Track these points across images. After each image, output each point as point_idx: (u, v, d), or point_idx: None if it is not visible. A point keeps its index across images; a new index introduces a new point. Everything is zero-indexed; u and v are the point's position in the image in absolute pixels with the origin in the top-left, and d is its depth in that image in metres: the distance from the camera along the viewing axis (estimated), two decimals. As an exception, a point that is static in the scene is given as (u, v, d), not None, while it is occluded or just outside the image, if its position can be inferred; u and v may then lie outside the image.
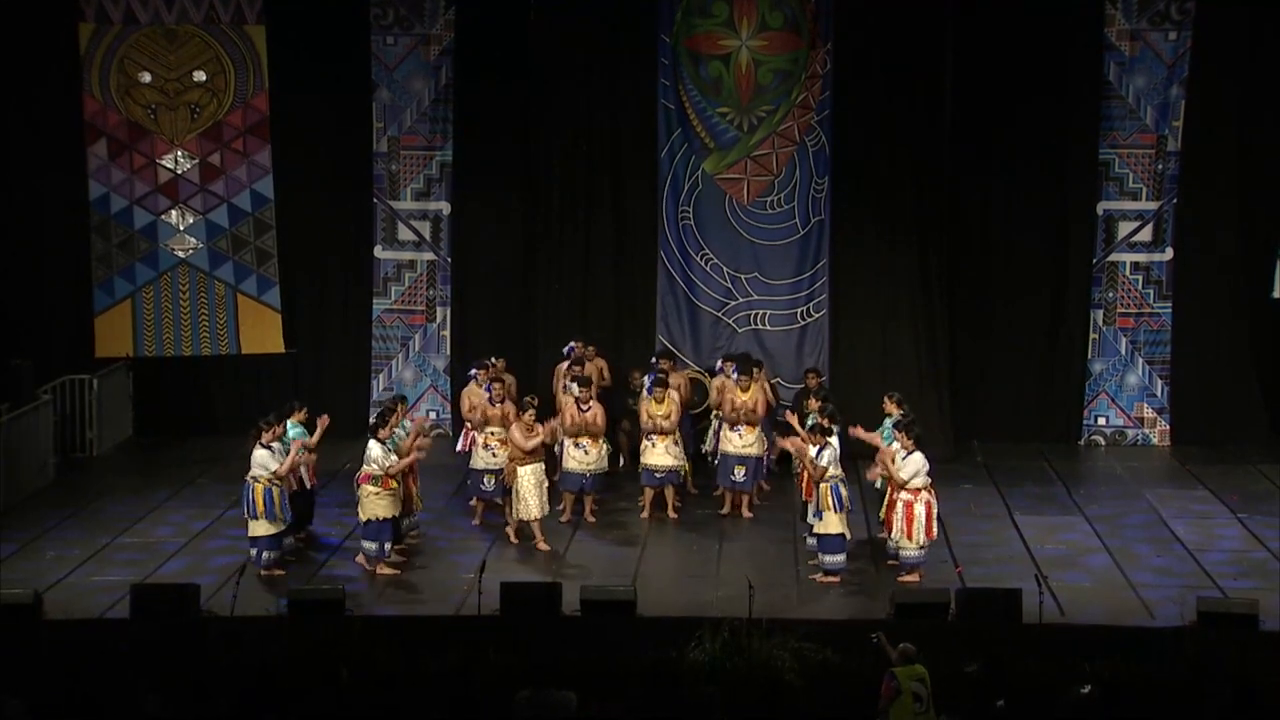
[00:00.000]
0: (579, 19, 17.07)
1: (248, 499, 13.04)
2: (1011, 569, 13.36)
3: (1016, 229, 17.39)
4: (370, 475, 13.12)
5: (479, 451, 14.61)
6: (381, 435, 13.26)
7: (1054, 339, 17.65)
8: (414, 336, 18.19)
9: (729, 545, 14.23)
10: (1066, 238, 17.50)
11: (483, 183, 17.75)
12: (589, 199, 17.52)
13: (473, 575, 12.66)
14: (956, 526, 14.59)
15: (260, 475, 12.99)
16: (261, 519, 13.01)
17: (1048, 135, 17.16)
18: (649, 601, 12.22)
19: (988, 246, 17.46)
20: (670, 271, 17.51)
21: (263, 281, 17.88)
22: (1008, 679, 10.45)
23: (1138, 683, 10.74)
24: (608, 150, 17.40)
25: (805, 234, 17.39)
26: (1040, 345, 17.64)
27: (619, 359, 17.19)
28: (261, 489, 12.98)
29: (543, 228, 17.62)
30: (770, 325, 17.50)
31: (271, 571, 13.08)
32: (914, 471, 12.93)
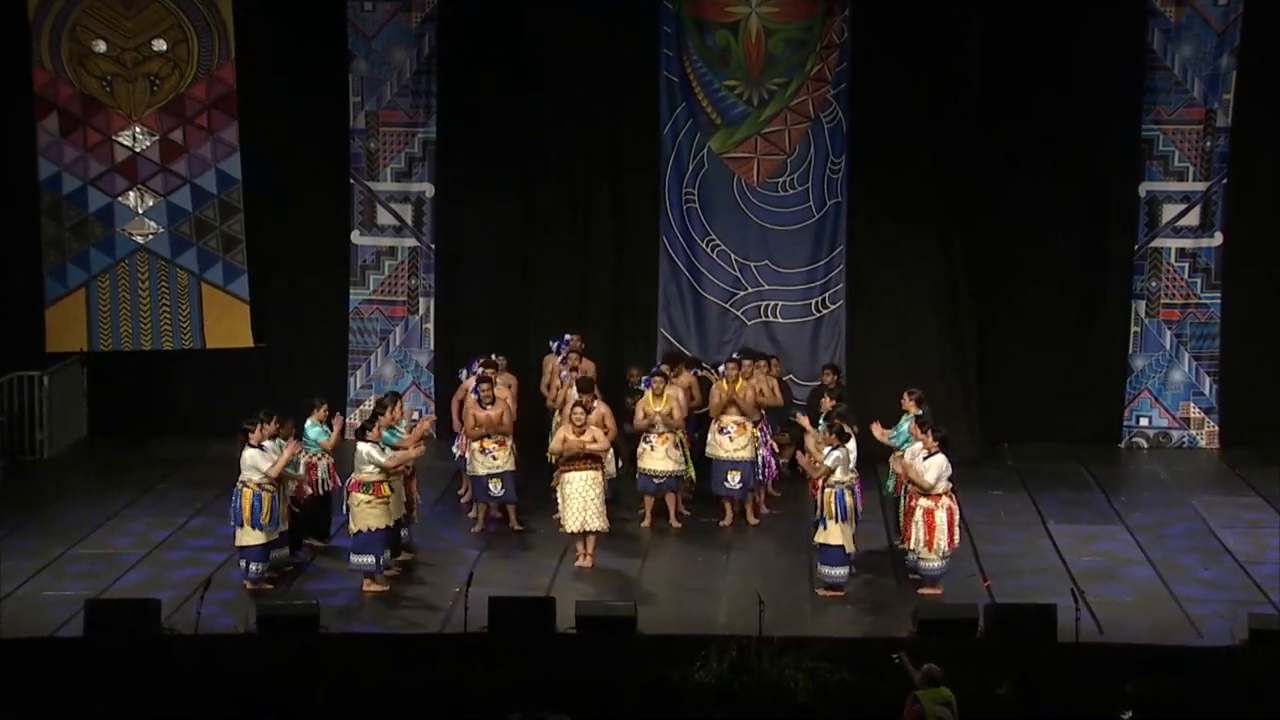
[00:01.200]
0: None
1: (234, 505, 13.03)
2: (1045, 582, 13.36)
3: (1051, 212, 17.39)
4: (360, 482, 13.11)
5: (477, 456, 14.62)
6: (372, 436, 13.25)
7: (1091, 332, 17.65)
8: (394, 329, 18.20)
9: (736, 556, 14.23)
10: (1106, 222, 17.50)
11: (469, 162, 17.74)
12: (585, 180, 17.53)
13: (459, 589, 12.66)
14: (985, 536, 14.60)
15: (250, 479, 12.98)
16: (248, 527, 12.99)
17: (1085, 110, 17.15)
18: (650, 618, 12.23)
19: (1019, 231, 17.45)
20: (673, 259, 17.51)
21: (229, 270, 17.89)
22: (1041, 702, 10.44)
23: (1183, 707, 10.74)
24: (606, 127, 17.41)
25: (820, 218, 17.39)
26: (1077, 339, 17.65)
27: (617, 354, 17.23)
28: (250, 494, 12.98)
29: (535, 211, 17.63)
30: (782, 317, 17.51)
31: (260, 586, 13.07)
32: (938, 475, 12.94)
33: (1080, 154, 17.25)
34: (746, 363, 15.26)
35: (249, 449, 13.04)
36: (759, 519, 15.10)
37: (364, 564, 13.15)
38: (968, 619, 11.88)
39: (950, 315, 17.25)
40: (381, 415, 13.53)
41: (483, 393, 14.59)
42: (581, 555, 13.84)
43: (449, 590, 13.14)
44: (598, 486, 13.71)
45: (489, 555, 14.24)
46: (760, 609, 11.62)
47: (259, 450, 13.02)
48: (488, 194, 17.74)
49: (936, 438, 13.03)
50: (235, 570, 13.39)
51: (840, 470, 13.06)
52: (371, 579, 13.18)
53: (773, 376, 15.88)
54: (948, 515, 13.01)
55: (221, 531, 14.48)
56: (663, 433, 14.82)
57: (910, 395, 14.17)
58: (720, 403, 14.94)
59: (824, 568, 13.13)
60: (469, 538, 14.70)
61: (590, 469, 13.67)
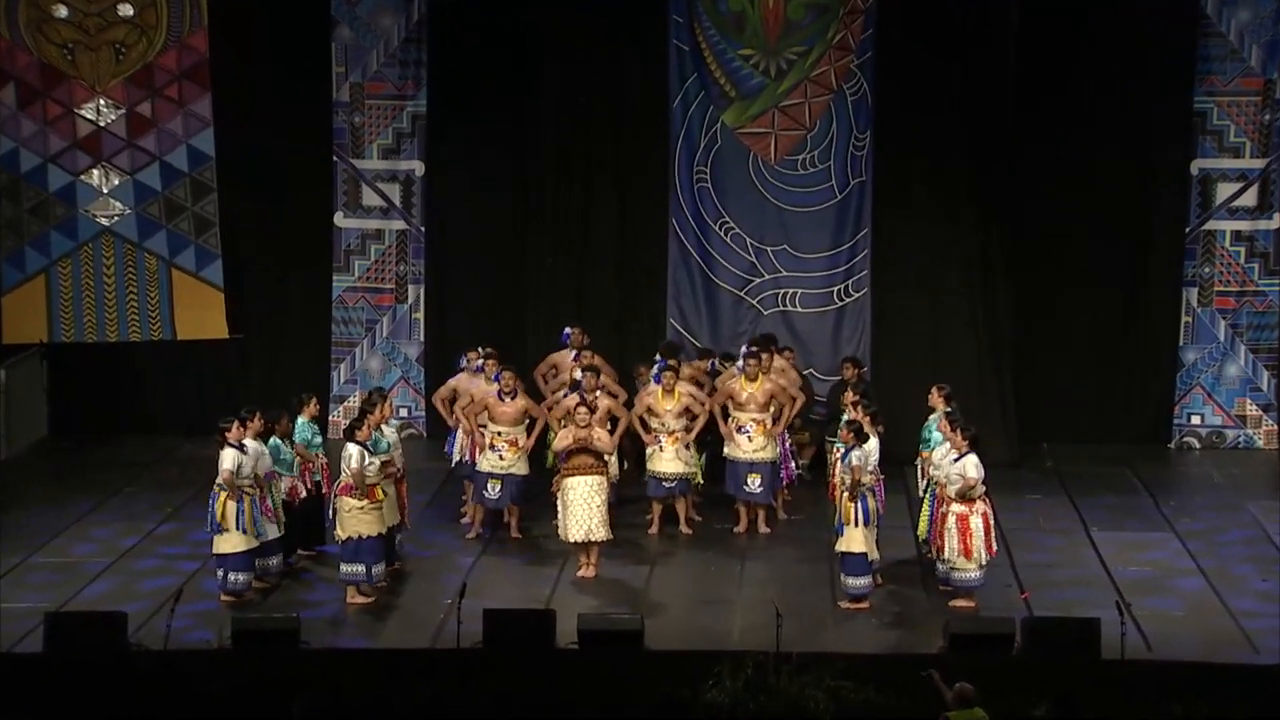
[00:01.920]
0: (576, -57, 17.13)
1: (211, 509, 13.03)
2: (1088, 594, 13.34)
3: (1094, 191, 17.34)
4: (350, 486, 13.11)
5: (485, 453, 14.60)
6: (360, 436, 13.23)
7: (1139, 322, 17.62)
8: (381, 319, 18.19)
9: (752, 566, 14.22)
10: (1154, 202, 17.45)
11: (463, 138, 17.72)
12: (588, 157, 17.50)
13: (451, 600, 12.64)
14: (1022, 544, 14.58)
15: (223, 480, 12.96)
16: (231, 532, 12.97)
17: (1132, 80, 17.11)
18: (658, 632, 12.22)
19: (1060, 212, 17.41)
20: (684, 243, 17.50)
21: (202, 254, 17.88)
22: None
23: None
24: (610, 100, 17.38)
25: (843, 199, 17.36)
26: (1122, 330, 17.61)
27: (621, 347, 17.19)
28: (225, 497, 12.97)
29: (534, 191, 17.61)
30: (801, 306, 17.49)
31: (241, 597, 13.06)
32: (976, 478, 12.92)
33: (1127, 129, 17.20)
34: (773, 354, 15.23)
35: (226, 448, 13.01)
36: (771, 527, 15.06)
37: (354, 574, 13.13)
38: (1003, 634, 11.86)
39: (984, 303, 17.21)
40: (370, 413, 13.50)
41: (504, 384, 14.52)
42: (584, 564, 13.83)
43: (440, 601, 13.12)
44: (602, 493, 13.70)
45: (484, 563, 14.22)
46: (778, 622, 11.61)
47: (235, 451, 12.99)
48: (482, 172, 17.72)
49: (967, 437, 13.01)
50: (209, 580, 13.38)
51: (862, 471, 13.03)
52: (358, 590, 13.16)
53: (793, 369, 15.89)
54: (983, 521, 12.98)
55: (194, 537, 14.48)
56: (673, 432, 14.79)
57: (939, 391, 14.15)
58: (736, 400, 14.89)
59: (846, 578, 13.12)
60: (462, 544, 14.69)
61: (594, 473, 13.65)
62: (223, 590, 13.06)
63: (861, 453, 13.07)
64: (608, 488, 13.82)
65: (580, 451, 13.65)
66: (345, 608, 13.14)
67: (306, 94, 17.70)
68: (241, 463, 12.97)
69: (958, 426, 13.15)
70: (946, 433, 13.31)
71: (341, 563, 13.20)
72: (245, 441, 13.13)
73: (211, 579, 13.34)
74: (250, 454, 13.08)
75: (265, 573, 13.38)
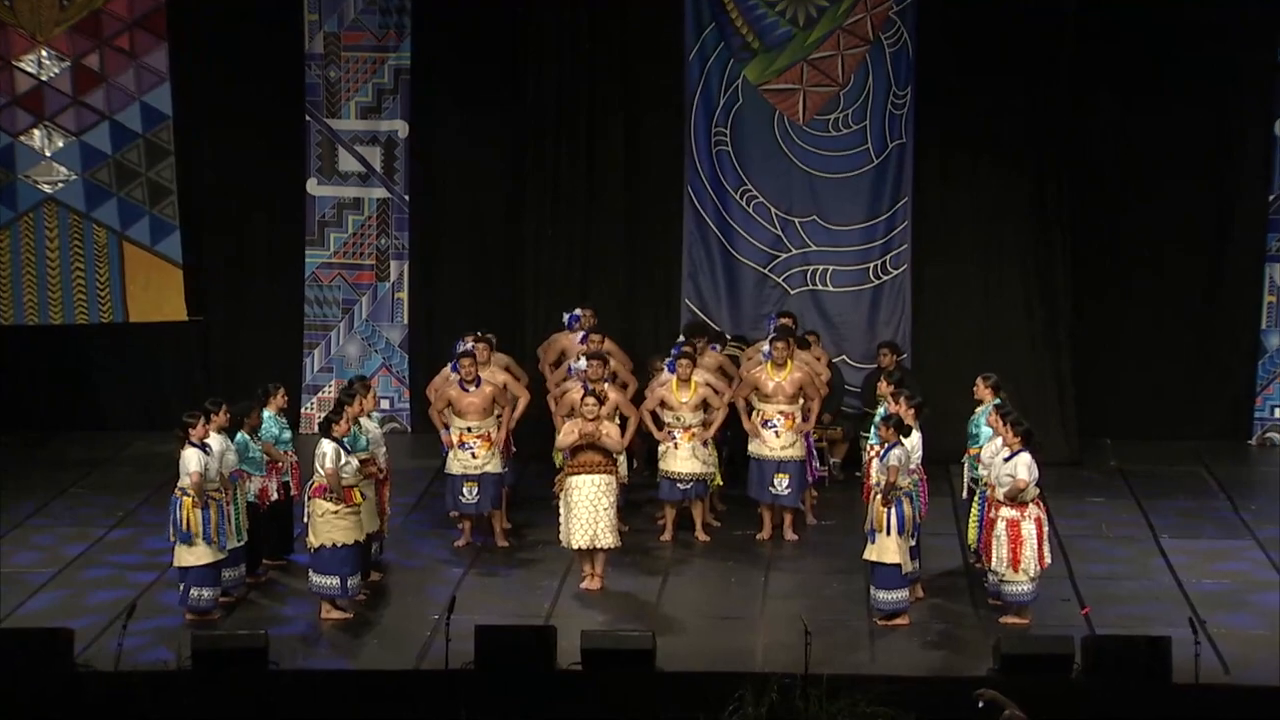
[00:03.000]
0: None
1: (173, 516, 13.04)
2: (1157, 610, 13.34)
3: (1163, 156, 17.32)
4: (324, 487, 13.10)
5: (455, 453, 14.62)
6: (337, 431, 13.22)
7: (1215, 304, 17.61)
8: (360, 299, 18.20)
9: (777, 577, 14.23)
10: (1232, 168, 17.41)
11: (452, 95, 17.74)
12: (593, 118, 17.51)
13: (439, 615, 12.64)
14: (1082, 553, 14.57)
15: (188, 485, 12.95)
16: (198, 542, 12.99)
17: (1208, 30, 17.05)
18: (671, 651, 12.22)
19: (1124, 180, 17.40)
20: (700, 214, 17.49)
21: (158, 225, 17.88)
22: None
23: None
24: (618, 53, 17.40)
25: (880, 163, 17.35)
26: (1197, 312, 17.60)
27: (632, 330, 17.22)
28: (190, 503, 12.96)
29: (532, 155, 17.60)
30: (833, 285, 17.48)
31: (207, 616, 13.05)
32: (1029, 478, 12.90)
33: (1204, 85, 17.15)
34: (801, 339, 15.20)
35: (188, 448, 12.98)
36: (799, 533, 15.06)
37: (327, 587, 13.12)
38: (1061, 654, 11.85)
39: (1040, 281, 17.21)
40: (349, 405, 13.49)
41: (464, 371, 14.53)
42: (589, 575, 13.83)
43: (427, 617, 13.13)
44: (610, 494, 13.70)
45: (475, 574, 14.23)
46: (806, 641, 11.60)
47: (199, 451, 12.97)
48: (474, 134, 17.74)
49: (1019, 432, 12.98)
50: (166, 592, 13.39)
51: (903, 474, 13.02)
52: (333, 604, 13.16)
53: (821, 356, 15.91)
54: (1036, 527, 12.97)
55: (149, 544, 14.50)
56: (689, 427, 14.78)
57: (985, 381, 14.13)
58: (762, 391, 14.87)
59: (877, 591, 13.11)
60: (451, 552, 14.71)
61: (602, 472, 13.65)
62: (185, 608, 13.05)
63: (902, 451, 13.04)
64: (616, 489, 13.81)
65: (586, 448, 13.64)
66: (319, 624, 13.13)
67: (275, 45, 17.70)
68: (206, 464, 12.95)
69: (1009, 420, 13.13)
70: (997, 427, 13.28)
71: (313, 574, 13.19)
72: (209, 440, 13.09)
73: (169, 591, 13.34)
74: (214, 452, 13.07)
75: (228, 586, 13.37)
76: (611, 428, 13.83)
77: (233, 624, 12.97)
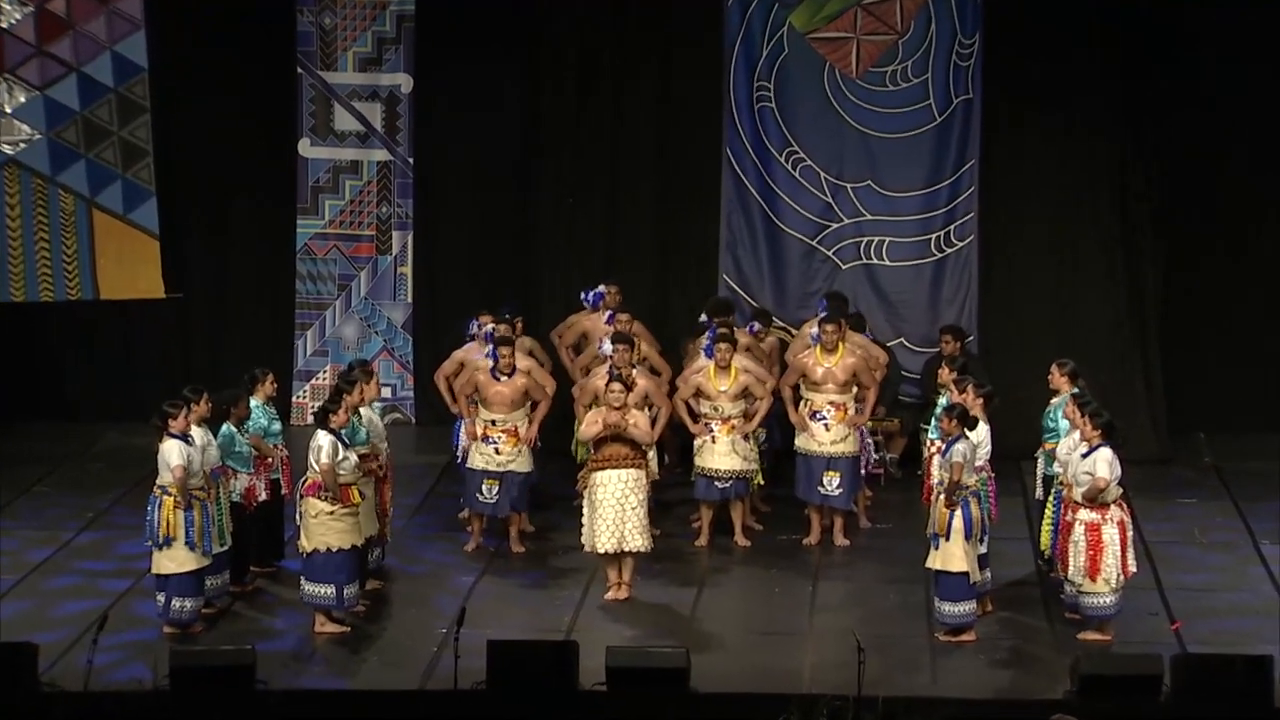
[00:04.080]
0: None
1: (150, 518, 13.08)
2: (1256, 625, 13.33)
3: (1265, 111, 17.24)
4: (319, 485, 13.12)
5: (476, 445, 14.65)
6: (335, 423, 13.23)
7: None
8: (359, 275, 18.23)
9: (826, 588, 14.23)
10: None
11: (461, 44, 17.76)
12: (618, 68, 17.55)
13: (447, 629, 12.65)
14: (1172, 561, 14.55)
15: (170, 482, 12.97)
16: (178, 547, 13.01)
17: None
18: (708, 669, 12.21)
19: (1224, 140, 17.30)
20: (741, 178, 17.49)
21: (132, 191, 17.90)
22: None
23: None
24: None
25: (944, 121, 17.33)
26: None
27: (663, 309, 17.22)
28: (172, 503, 13.00)
29: (550, 113, 17.62)
30: (890, 259, 17.47)
31: (189, 629, 13.08)
32: (1109, 476, 12.88)
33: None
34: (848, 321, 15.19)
35: (168, 440, 13.01)
36: (850, 538, 15.05)
37: (321, 596, 13.15)
38: (1148, 675, 11.83)
39: (1125, 258, 17.18)
40: (348, 393, 13.50)
41: (501, 359, 14.54)
42: (615, 584, 13.85)
43: (433, 631, 13.15)
44: (640, 492, 13.70)
45: (488, 583, 14.24)
46: (859, 658, 11.59)
47: (179, 442, 12.99)
48: (486, 89, 17.75)
49: (1099, 425, 12.95)
50: (144, 603, 13.42)
51: (968, 470, 13.00)
52: (328, 616, 13.19)
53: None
54: (1119, 532, 12.95)
55: (123, 549, 14.55)
56: (728, 419, 14.78)
57: (1062, 368, 14.09)
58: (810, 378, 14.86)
59: (941, 603, 13.11)
60: (460, 558, 14.72)
61: (630, 466, 13.65)
62: (165, 620, 13.08)
63: (966, 445, 13.01)
64: (646, 486, 13.81)
65: (612, 440, 13.64)
66: (312, 638, 13.15)
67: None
68: (190, 457, 12.97)
69: (1087, 412, 13.10)
70: (1074, 420, 13.26)
71: (306, 582, 13.22)
72: (191, 432, 13.11)
73: (145, 601, 13.37)
74: (196, 445, 13.08)
75: (211, 595, 13.40)
76: (640, 417, 13.81)
77: (216, 638, 12.98)
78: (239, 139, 17.97)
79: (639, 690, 11.80)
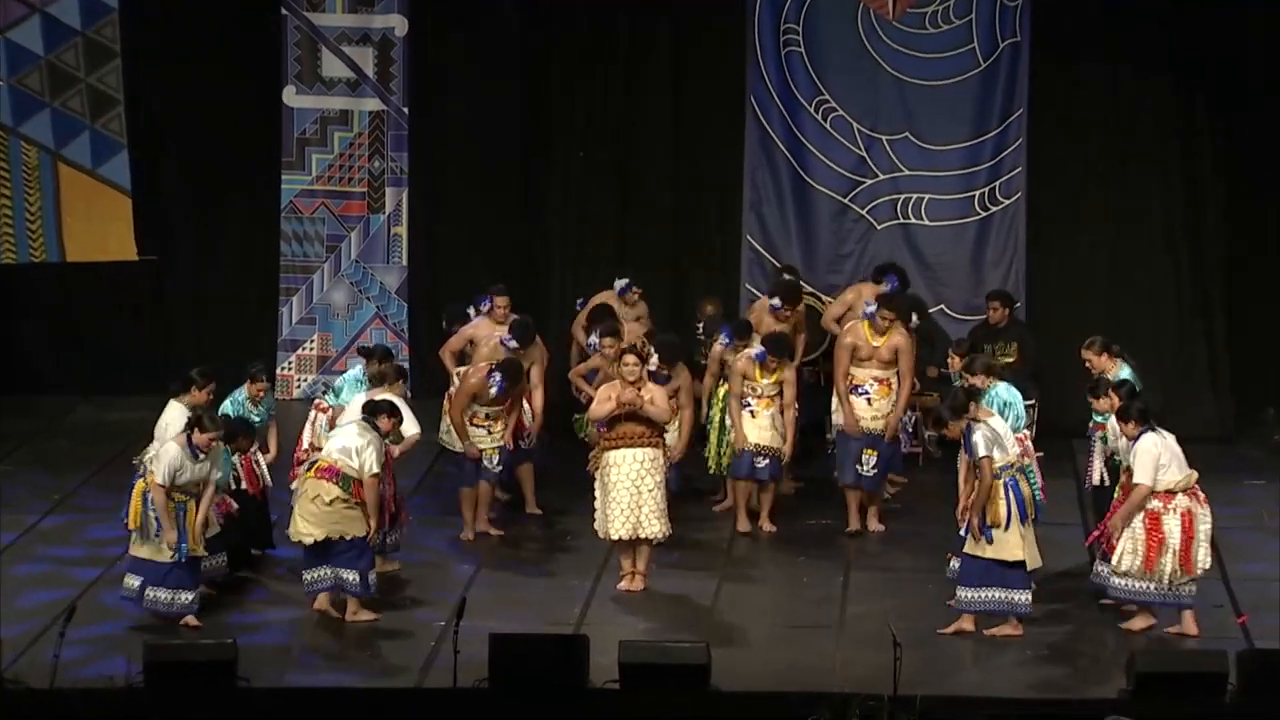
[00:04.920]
0: None
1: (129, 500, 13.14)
2: (1329, 618, 13.35)
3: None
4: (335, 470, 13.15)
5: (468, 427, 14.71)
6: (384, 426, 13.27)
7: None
8: (349, 235, 18.24)
9: (859, 577, 14.26)
10: None
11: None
12: (636, 11, 17.56)
13: (445, 622, 12.70)
14: (1238, 548, 14.54)
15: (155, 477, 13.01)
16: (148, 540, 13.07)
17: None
18: (730, 665, 12.21)
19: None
20: (766, 130, 17.49)
21: (101, 144, 17.93)
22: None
23: None
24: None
25: (988, 68, 17.32)
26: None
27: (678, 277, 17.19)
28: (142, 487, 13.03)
29: (558, 57, 17.65)
30: (929, 218, 17.48)
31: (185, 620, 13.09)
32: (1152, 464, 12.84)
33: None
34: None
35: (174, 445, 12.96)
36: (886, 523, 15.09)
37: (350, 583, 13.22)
38: (1212, 672, 11.78)
39: (1186, 217, 17.19)
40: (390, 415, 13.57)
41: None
42: (629, 573, 13.87)
43: (431, 624, 13.18)
44: (657, 473, 13.70)
45: (490, 571, 14.27)
46: (895, 654, 11.58)
47: (187, 452, 12.96)
48: (489, 30, 17.77)
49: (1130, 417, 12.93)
50: (114, 591, 13.45)
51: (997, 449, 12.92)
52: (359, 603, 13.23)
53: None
54: (1183, 523, 12.89)
55: (93, 534, 14.60)
56: (765, 395, 14.84)
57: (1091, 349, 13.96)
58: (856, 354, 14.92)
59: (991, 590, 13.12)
60: (460, 545, 14.76)
61: (646, 445, 13.64)
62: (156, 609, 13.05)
63: (987, 430, 12.97)
64: (664, 466, 13.83)
65: (627, 417, 13.64)
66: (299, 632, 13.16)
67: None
68: (180, 469, 12.97)
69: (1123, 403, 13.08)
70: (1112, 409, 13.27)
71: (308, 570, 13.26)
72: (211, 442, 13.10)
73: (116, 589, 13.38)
74: (202, 461, 13.04)
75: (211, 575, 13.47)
76: (658, 393, 13.78)
77: (194, 630, 13.01)
78: (218, 87, 17.96)
79: (654, 689, 11.76)
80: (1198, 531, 12.97)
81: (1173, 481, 12.94)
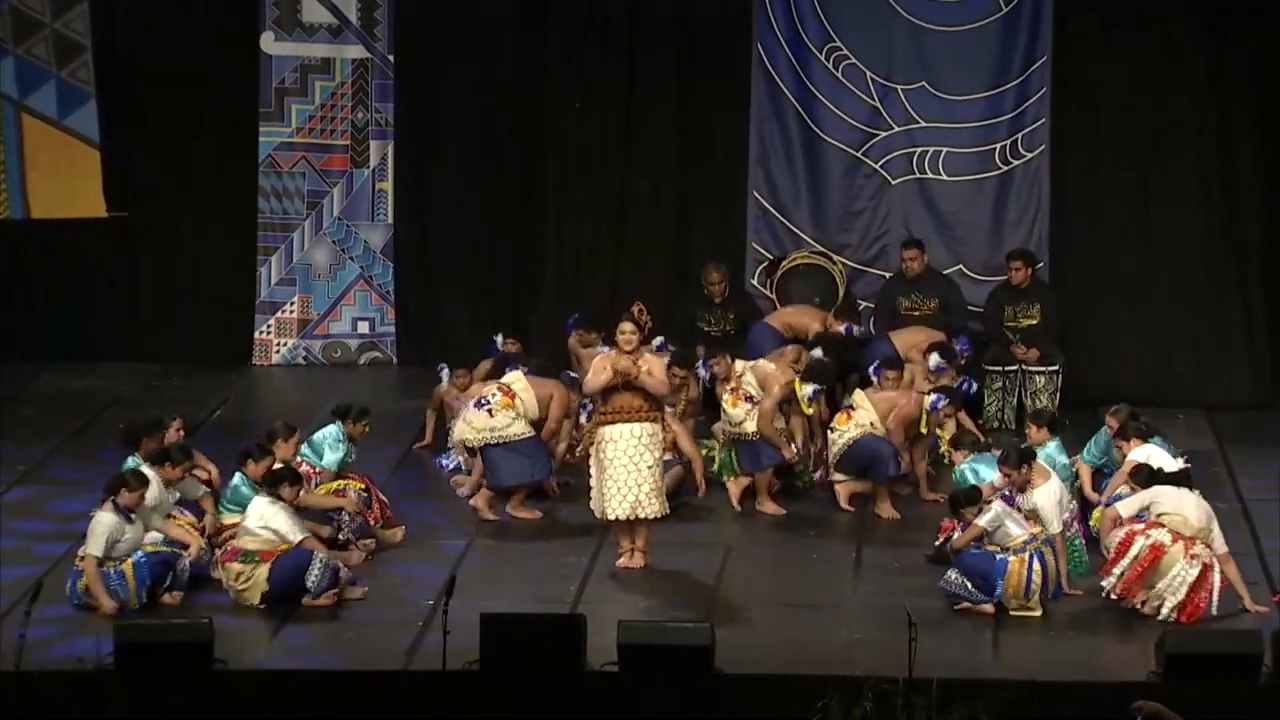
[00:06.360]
0: None
1: None
2: (1369, 597, 13.36)
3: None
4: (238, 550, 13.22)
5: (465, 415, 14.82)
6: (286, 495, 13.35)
7: None
8: (331, 191, 18.25)
9: (871, 555, 14.28)
10: None
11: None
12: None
13: (434, 602, 12.73)
14: (1272, 522, 14.54)
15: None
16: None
17: None
18: (735, 648, 12.23)
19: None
20: (775, 79, 17.49)
21: (67, 93, 17.92)
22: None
23: None
24: None
25: (1010, 12, 17.32)
26: None
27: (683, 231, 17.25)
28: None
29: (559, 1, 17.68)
30: (947, 173, 17.49)
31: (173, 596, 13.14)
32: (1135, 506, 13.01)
33: None
34: None
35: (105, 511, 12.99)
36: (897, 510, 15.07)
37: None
38: (1246, 654, 11.83)
39: (1220, 171, 17.19)
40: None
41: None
42: (628, 550, 13.90)
43: (418, 603, 13.21)
44: (656, 449, 13.71)
45: (482, 548, 14.29)
46: (911, 635, 11.62)
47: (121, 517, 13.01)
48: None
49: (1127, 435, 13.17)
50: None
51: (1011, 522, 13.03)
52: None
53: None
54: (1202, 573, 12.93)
55: (60, 507, 14.61)
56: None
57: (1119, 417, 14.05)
58: None
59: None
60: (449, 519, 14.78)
61: (644, 419, 13.65)
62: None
63: (1000, 506, 13.09)
64: (662, 441, 13.84)
65: (624, 389, 13.65)
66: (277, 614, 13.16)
67: None
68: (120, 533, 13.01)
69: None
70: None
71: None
72: (144, 469, 13.18)
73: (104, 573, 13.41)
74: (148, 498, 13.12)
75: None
76: (656, 364, 13.77)
77: (168, 610, 13.01)
78: (191, 33, 17.96)
79: (655, 671, 11.84)
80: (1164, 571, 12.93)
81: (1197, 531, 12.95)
